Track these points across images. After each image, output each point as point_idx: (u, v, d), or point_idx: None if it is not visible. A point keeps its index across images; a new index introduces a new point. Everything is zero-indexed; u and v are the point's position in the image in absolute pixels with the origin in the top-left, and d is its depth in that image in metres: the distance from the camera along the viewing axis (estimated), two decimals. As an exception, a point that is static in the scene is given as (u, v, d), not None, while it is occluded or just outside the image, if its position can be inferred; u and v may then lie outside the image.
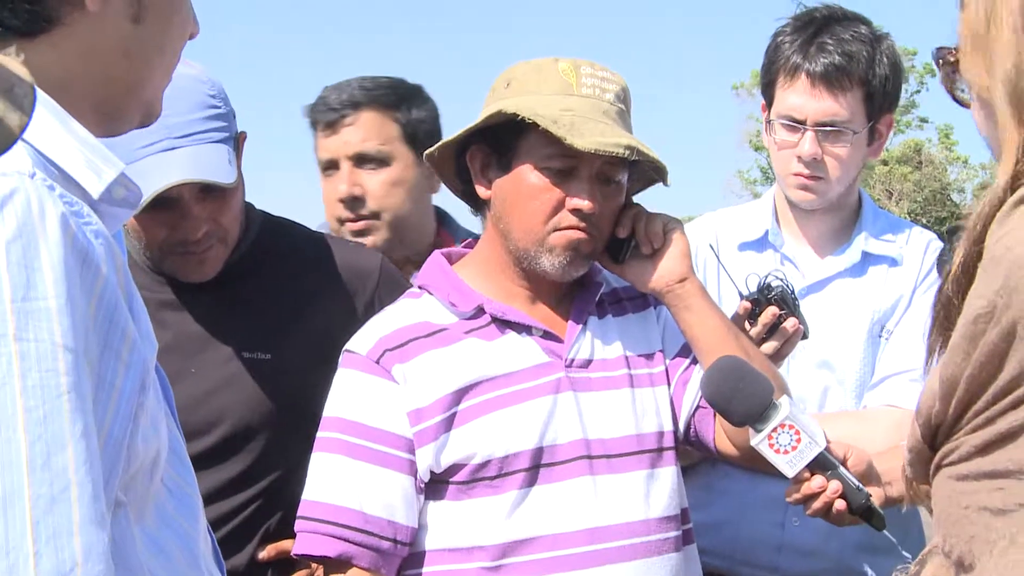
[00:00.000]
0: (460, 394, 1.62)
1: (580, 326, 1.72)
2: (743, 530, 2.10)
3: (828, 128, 2.03)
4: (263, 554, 1.84)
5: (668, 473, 1.72)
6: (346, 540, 1.59)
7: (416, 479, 1.62)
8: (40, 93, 0.96)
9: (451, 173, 1.78)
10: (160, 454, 1.05)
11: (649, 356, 1.76)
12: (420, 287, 1.74)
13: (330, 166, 2.27)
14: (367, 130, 2.25)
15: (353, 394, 1.65)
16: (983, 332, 0.89)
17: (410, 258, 2.21)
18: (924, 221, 29.63)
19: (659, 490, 1.69)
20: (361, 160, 2.25)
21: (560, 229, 1.64)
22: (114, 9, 1.04)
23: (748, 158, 34.27)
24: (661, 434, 1.72)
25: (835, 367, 2.10)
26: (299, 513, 1.64)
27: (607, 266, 1.78)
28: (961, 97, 1.05)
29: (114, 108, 1.09)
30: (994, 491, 0.90)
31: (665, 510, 1.69)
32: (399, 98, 2.30)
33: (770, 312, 1.86)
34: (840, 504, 1.62)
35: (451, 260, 1.79)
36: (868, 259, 2.13)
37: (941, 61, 1.07)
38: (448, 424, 1.61)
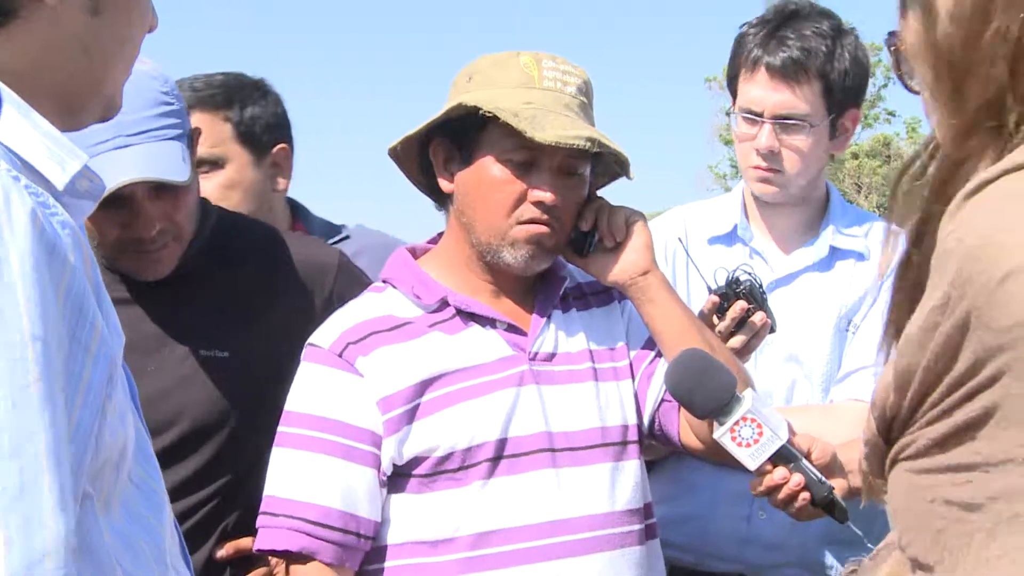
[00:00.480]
0: (423, 386, 1.62)
1: (544, 319, 1.72)
2: (710, 524, 2.11)
3: (785, 121, 2.05)
4: (221, 552, 1.83)
5: (632, 467, 1.72)
6: (308, 535, 1.59)
7: (379, 472, 1.62)
8: (2, 87, 0.97)
9: (414, 168, 1.78)
10: (127, 448, 1.05)
11: (613, 350, 1.77)
12: (384, 281, 1.74)
13: None
14: None
15: (315, 388, 1.64)
16: (937, 324, 0.89)
17: None
18: (892, 215, 29.78)
19: (623, 484, 1.70)
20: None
21: (522, 222, 1.65)
22: (72, 2, 1.03)
23: (720, 152, 34.41)
24: (625, 428, 1.73)
25: (802, 361, 2.11)
26: (261, 508, 1.63)
27: (571, 260, 1.78)
28: (911, 85, 1.05)
29: (74, 102, 1.08)
30: (961, 485, 0.90)
31: (628, 503, 1.69)
32: (229, 97, 2.26)
33: (738, 306, 1.87)
34: (804, 496, 1.64)
35: (416, 255, 1.79)
36: (836, 253, 2.14)
37: (893, 48, 1.07)
38: (411, 416, 1.61)
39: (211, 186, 2.20)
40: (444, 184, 1.71)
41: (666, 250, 2.18)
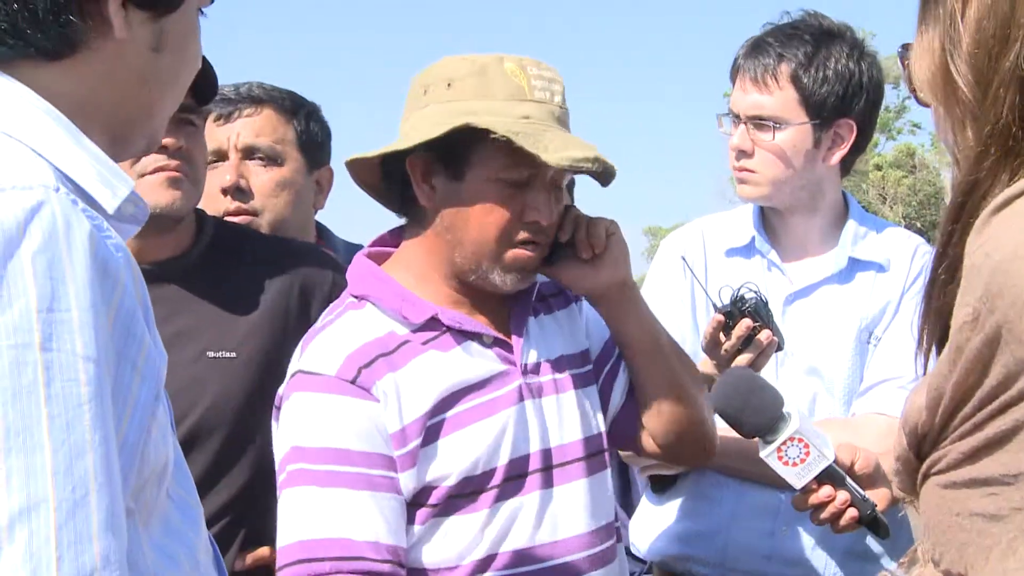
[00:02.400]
0: (434, 411, 1.54)
1: (524, 329, 1.66)
2: (733, 539, 2.09)
3: (757, 121, 2.07)
4: (241, 564, 1.83)
5: (607, 477, 1.71)
6: (370, 573, 1.46)
7: (402, 498, 1.53)
8: (50, 108, 1.01)
9: (373, 175, 1.68)
10: (168, 464, 1.07)
11: (581, 354, 1.73)
12: (360, 297, 1.63)
13: (217, 157, 2.21)
14: (263, 125, 2.23)
15: (331, 419, 1.51)
16: (967, 339, 0.89)
17: None
18: (919, 225, 29.77)
19: (603, 497, 1.68)
20: (250, 153, 2.22)
21: (515, 245, 1.59)
22: (138, 37, 1.06)
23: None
24: (600, 435, 1.71)
25: (823, 374, 2.08)
26: (295, 556, 1.47)
27: (539, 270, 1.70)
28: (922, 98, 1.05)
29: (124, 133, 1.11)
30: (986, 497, 0.90)
31: (607, 517, 1.68)
32: (298, 106, 2.29)
33: (743, 325, 1.84)
34: (852, 513, 1.64)
35: (378, 262, 1.70)
36: (855, 265, 2.12)
37: (906, 61, 1.07)
38: (426, 443, 1.53)
39: (266, 179, 2.23)
40: (423, 198, 1.60)
41: (683, 264, 2.17)
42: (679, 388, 1.73)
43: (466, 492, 1.54)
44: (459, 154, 1.57)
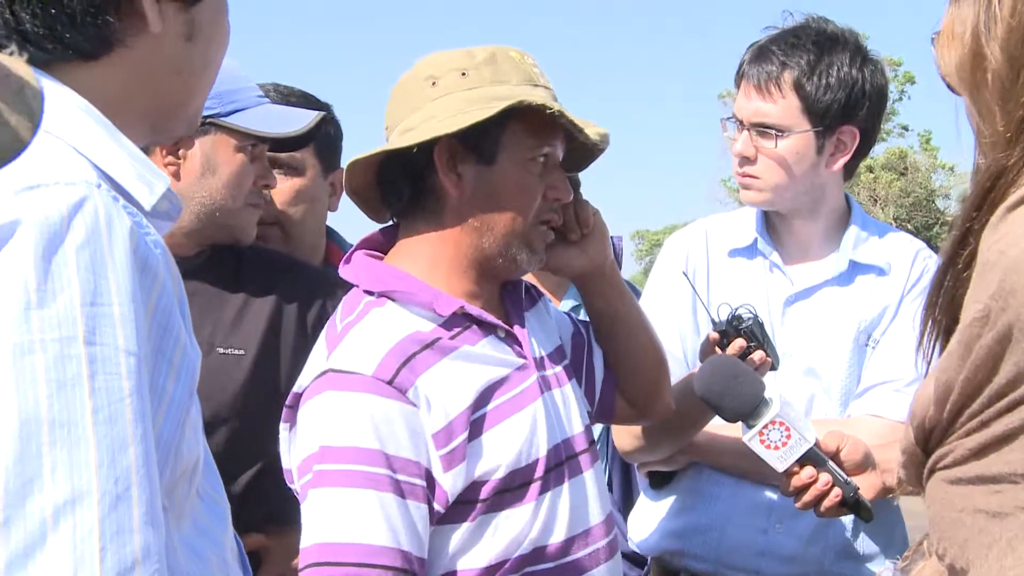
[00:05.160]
0: (476, 405, 1.49)
1: (525, 322, 1.65)
2: (727, 535, 2.11)
3: (760, 128, 2.09)
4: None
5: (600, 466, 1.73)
6: None
7: (431, 508, 1.46)
8: (88, 106, 1.02)
9: (370, 172, 1.61)
10: (199, 462, 1.08)
11: (559, 349, 1.73)
12: (380, 294, 1.55)
13: None
14: None
15: (364, 419, 1.42)
16: (978, 336, 0.89)
17: None
18: (910, 227, 29.83)
19: (604, 485, 1.69)
20: (272, 165, 2.15)
21: (541, 224, 1.60)
22: (171, 29, 1.08)
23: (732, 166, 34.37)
24: (590, 426, 1.71)
25: (821, 375, 2.11)
26: (314, 559, 1.40)
27: None
28: (951, 83, 1.05)
29: (163, 122, 1.13)
30: (991, 495, 0.91)
31: (609, 506, 1.68)
32: (315, 110, 2.25)
33: (736, 344, 1.86)
34: (836, 492, 1.67)
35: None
36: (856, 268, 2.14)
37: (936, 48, 1.07)
38: (472, 438, 1.48)
39: (286, 189, 2.20)
40: (450, 186, 1.55)
41: (687, 263, 2.19)
42: (658, 346, 1.85)
43: (514, 485, 1.51)
44: (491, 138, 1.54)
